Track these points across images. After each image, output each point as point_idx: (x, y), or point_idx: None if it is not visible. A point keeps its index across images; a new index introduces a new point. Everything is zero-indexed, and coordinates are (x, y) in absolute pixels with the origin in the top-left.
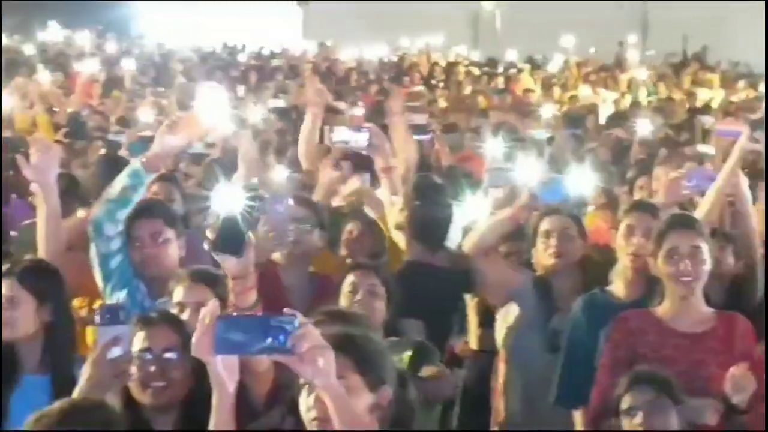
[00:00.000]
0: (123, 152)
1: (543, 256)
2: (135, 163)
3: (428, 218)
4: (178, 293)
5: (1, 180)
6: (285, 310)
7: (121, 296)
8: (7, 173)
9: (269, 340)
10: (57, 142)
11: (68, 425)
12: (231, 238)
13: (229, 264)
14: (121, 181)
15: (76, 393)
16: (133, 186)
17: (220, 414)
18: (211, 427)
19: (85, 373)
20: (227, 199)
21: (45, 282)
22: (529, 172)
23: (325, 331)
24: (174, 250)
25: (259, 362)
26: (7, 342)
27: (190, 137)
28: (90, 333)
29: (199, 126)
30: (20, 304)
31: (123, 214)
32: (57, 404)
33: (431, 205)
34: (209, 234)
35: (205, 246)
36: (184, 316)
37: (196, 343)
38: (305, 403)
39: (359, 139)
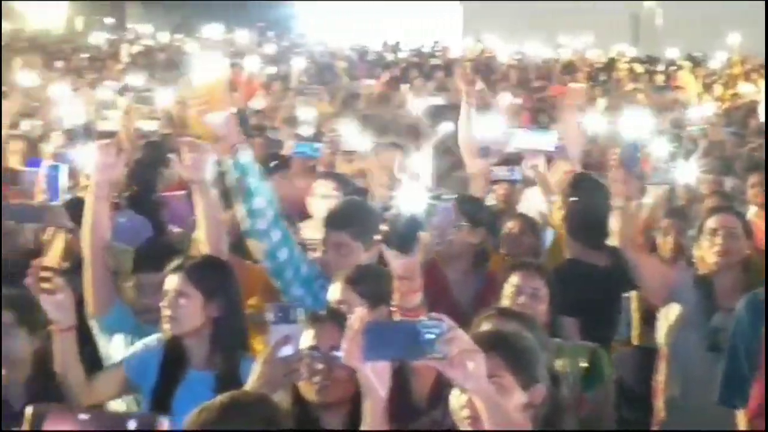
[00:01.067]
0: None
1: (707, 253)
2: (226, 160)
3: (585, 216)
4: (335, 292)
5: (156, 176)
6: (431, 314)
7: (299, 291)
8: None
9: (418, 344)
10: None
11: (229, 419)
12: (404, 236)
13: (397, 263)
14: (231, 179)
15: (249, 387)
16: (240, 175)
17: (373, 419)
18: (364, 428)
19: (255, 371)
20: (412, 198)
21: (213, 278)
22: (687, 170)
23: (493, 328)
24: (358, 258)
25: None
26: (175, 337)
27: (225, 105)
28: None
29: (222, 92)
30: (187, 300)
31: (258, 203)
32: (218, 398)
33: (588, 203)
34: (383, 227)
35: (376, 238)
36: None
37: (346, 350)
38: (457, 401)
39: (545, 142)
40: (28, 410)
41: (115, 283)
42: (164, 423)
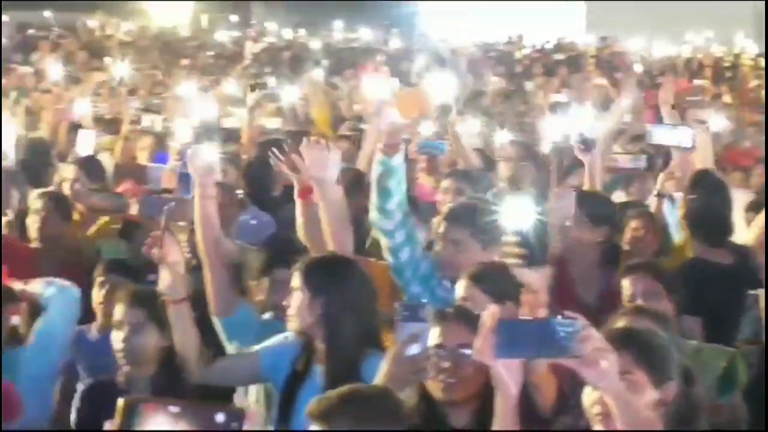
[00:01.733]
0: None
1: None
2: (379, 156)
3: (706, 214)
4: (460, 289)
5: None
6: (566, 312)
7: (417, 288)
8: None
9: (551, 343)
10: (342, 137)
11: (348, 409)
12: (534, 248)
13: (532, 277)
14: (374, 174)
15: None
16: (385, 175)
17: (504, 417)
18: (494, 428)
19: (383, 369)
20: (518, 211)
21: (322, 276)
22: None
23: (625, 325)
24: (474, 257)
25: (536, 368)
26: (305, 333)
27: (416, 114)
28: None
29: (424, 103)
30: (299, 297)
31: (392, 204)
32: (341, 388)
33: (709, 201)
34: (509, 248)
35: (504, 259)
36: None
37: (478, 347)
38: (589, 398)
39: (682, 138)
40: (120, 402)
41: (241, 282)
42: (253, 416)
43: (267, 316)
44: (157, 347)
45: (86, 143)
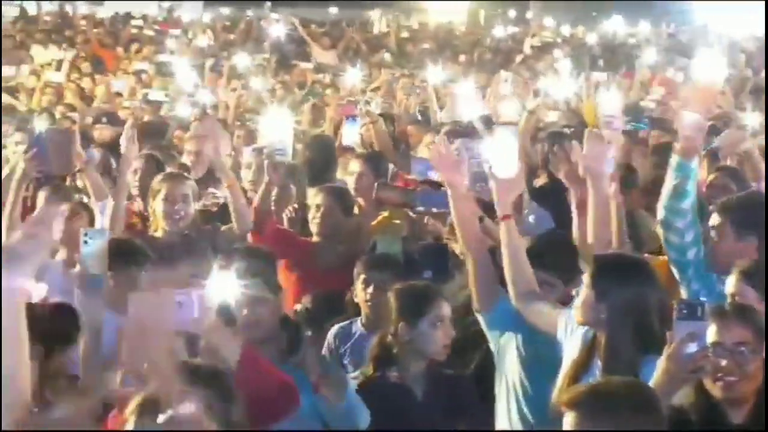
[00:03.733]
0: None
1: None
2: (676, 157)
3: None
4: (730, 285)
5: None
6: None
7: (696, 285)
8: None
9: None
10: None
11: (599, 400)
12: None
13: None
14: (670, 176)
15: (652, 384)
16: (682, 176)
17: None
18: None
19: (660, 367)
20: None
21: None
22: None
23: None
24: (748, 251)
25: None
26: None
27: (705, 112)
28: None
29: (711, 98)
30: (584, 293)
31: (685, 204)
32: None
33: None
34: None
35: None
36: None
37: None
38: None
39: None
40: None
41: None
42: None
43: None
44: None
45: (351, 134)
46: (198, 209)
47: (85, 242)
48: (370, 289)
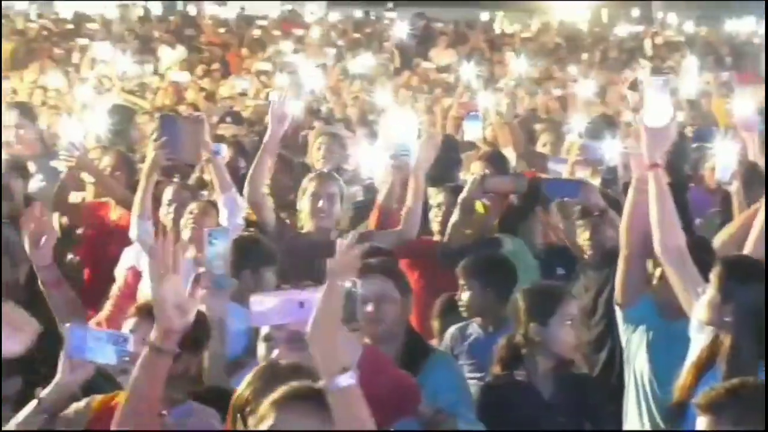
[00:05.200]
0: None
1: None
2: None
3: None
4: None
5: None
6: None
7: None
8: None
9: None
10: None
11: (736, 402)
12: None
13: None
14: None
15: None
16: None
17: None
18: None
19: None
20: None
21: (737, 281)
22: None
23: None
24: None
25: None
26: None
27: None
28: None
29: None
30: (709, 294)
31: None
32: (729, 382)
33: None
34: None
35: None
36: None
37: None
38: None
39: None
40: None
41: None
42: None
43: None
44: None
45: (473, 130)
46: None
47: (210, 243)
48: (474, 291)
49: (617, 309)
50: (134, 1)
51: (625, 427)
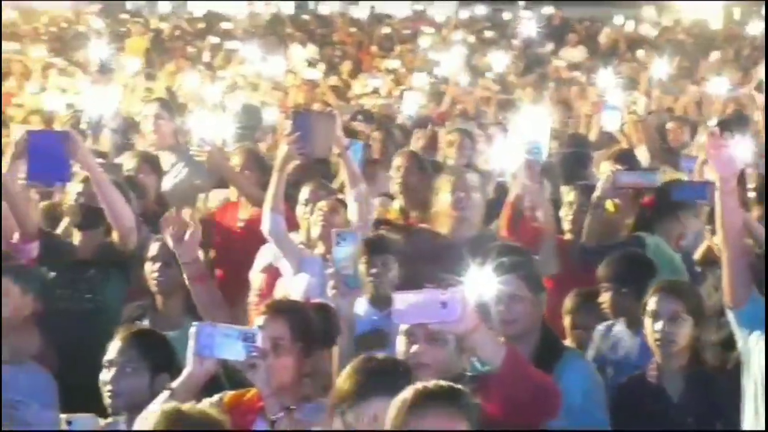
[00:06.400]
0: None
1: None
2: None
3: None
4: None
5: None
6: None
7: None
8: None
9: None
10: None
11: None
12: None
13: None
14: None
15: None
16: None
17: None
18: None
19: None
20: None
21: None
22: None
23: None
24: None
25: None
26: None
27: None
28: None
29: None
30: None
31: None
32: None
33: None
34: None
35: None
36: None
37: None
38: None
39: None
40: None
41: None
42: None
43: None
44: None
45: (612, 121)
46: None
47: (338, 243)
48: (616, 292)
49: (728, 312)
50: (266, 0)
51: (745, 427)
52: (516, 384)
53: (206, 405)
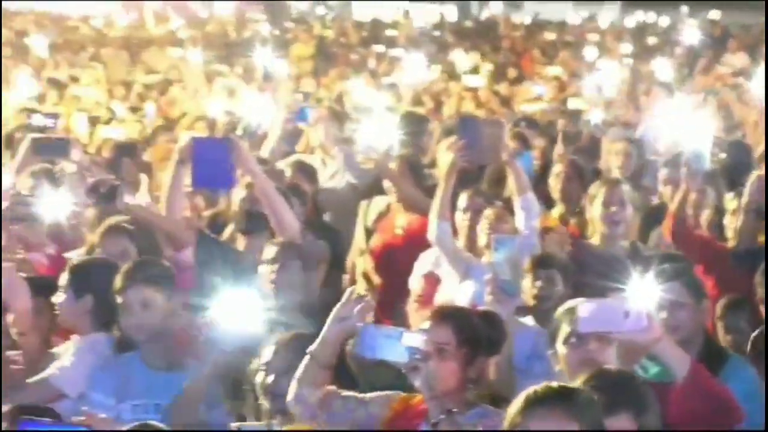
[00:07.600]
0: None
1: None
2: None
3: None
4: None
5: None
6: None
7: None
8: None
9: None
10: None
11: None
12: None
13: None
14: None
15: None
16: None
17: None
18: None
19: None
20: None
21: None
22: None
23: None
24: None
25: None
26: None
27: None
28: None
29: None
30: None
31: None
32: None
33: None
34: None
35: None
36: None
37: None
38: None
39: None
40: None
41: None
42: None
43: None
44: None
45: None
46: None
47: (495, 249)
48: None
49: None
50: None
51: None
52: (700, 396)
53: (375, 402)
